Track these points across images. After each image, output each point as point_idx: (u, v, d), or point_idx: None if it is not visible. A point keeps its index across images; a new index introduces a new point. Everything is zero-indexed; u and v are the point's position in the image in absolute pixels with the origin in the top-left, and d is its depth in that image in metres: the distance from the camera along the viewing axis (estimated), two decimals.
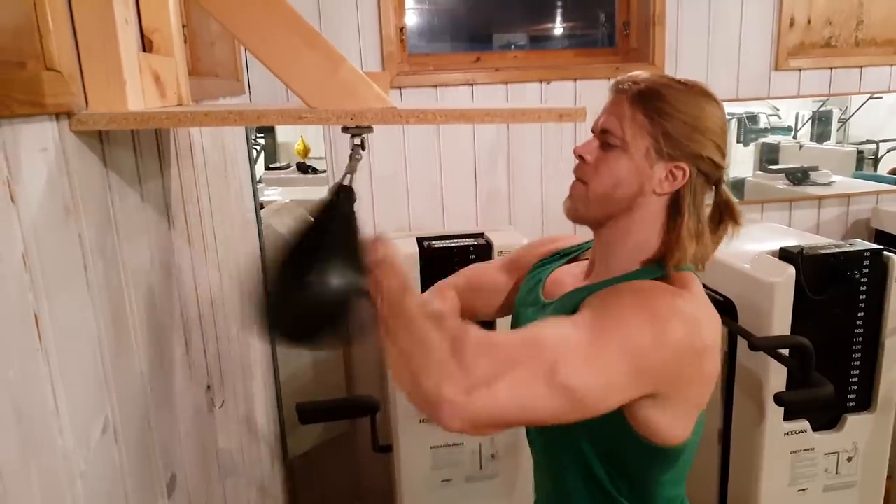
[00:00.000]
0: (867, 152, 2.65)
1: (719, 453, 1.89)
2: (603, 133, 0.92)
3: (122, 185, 0.83)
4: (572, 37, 2.43)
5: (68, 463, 0.63)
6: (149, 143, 0.95)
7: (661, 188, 0.91)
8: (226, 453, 1.33)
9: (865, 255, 1.70)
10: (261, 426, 1.79)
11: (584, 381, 0.76)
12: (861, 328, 1.74)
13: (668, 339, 0.79)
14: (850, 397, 1.78)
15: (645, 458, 0.90)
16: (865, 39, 2.37)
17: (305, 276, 0.80)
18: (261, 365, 1.86)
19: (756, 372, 1.72)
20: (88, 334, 0.70)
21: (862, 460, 1.81)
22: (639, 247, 0.94)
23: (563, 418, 0.78)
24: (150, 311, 0.91)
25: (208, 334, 1.23)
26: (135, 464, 0.81)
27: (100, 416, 0.71)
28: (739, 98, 2.33)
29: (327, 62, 0.72)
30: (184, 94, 0.99)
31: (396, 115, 0.69)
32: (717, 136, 0.91)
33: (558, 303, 0.98)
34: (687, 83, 0.91)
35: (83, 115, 0.68)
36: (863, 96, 2.48)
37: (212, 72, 1.53)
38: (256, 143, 2.33)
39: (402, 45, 2.12)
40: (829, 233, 2.47)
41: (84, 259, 0.69)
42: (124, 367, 0.80)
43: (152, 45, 0.92)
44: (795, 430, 1.75)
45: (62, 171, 0.65)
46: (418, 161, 2.17)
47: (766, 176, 2.60)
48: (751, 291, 1.72)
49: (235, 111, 0.71)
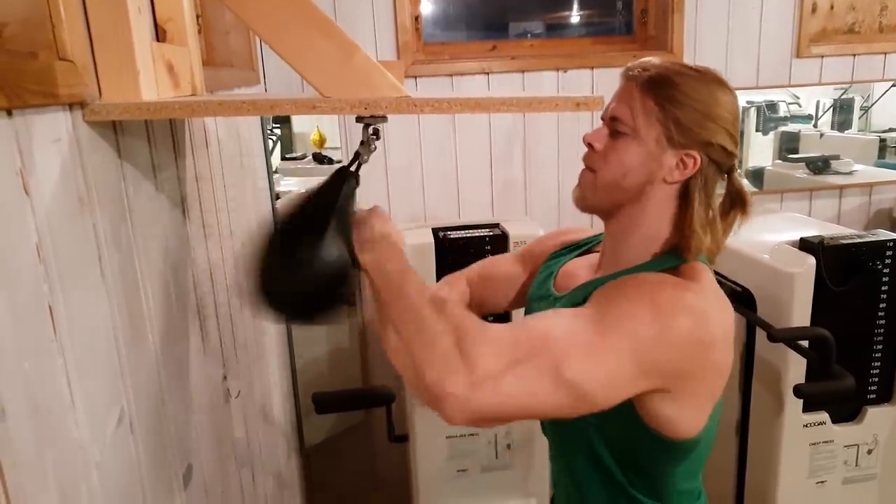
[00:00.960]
0: (890, 141, 2.60)
1: (737, 445, 1.87)
2: (613, 121, 0.91)
3: (136, 175, 0.83)
4: (589, 24, 2.40)
5: (84, 454, 0.63)
6: (163, 133, 0.95)
7: (672, 177, 0.89)
8: (242, 443, 1.33)
9: (888, 246, 1.67)
10: (277, 416, 1.80)
11: (589, 376, 0.75)
12: (883, 319, 1.71)
13: (674, 333, 0.78)
14: (871, 389, 1.76)
15: (657, 452, 0.89)
16: (890, 25, 2.32)
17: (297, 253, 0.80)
18: (277, 355, 1.87)
19: (775, 363, 1.70)
20: (104, 326, 0.70)
21: (882, 453, 1.79)
22: (649, 237, 0.92)
23: (567, 413, 0.77)
24: (165, 302, 0.91)
25: (224, 325, 1.23)
26: (151, 454, 0.81)
27: (115, 407, 0.72)
28: (759, 86, 2.30)
29: (341, 51, 0.71)
30: (198, 84, 0.99)
31: (411, 105, 0.68)
32: (729, 125, 0.89)
33: (569, 297, 0.97)
34: (699, 70, 0.89)
35: (96, 105, 0.68)
36: (886, 83, 2.43)
37: (227, 62, 1.52)
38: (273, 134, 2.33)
39: (418, 34, 2.10)
40: (851, 223, 2.43)
41: (99, 250, 0.69)
42: (140, 359, 0.80)
43: (166, 34, 0.92)
44: (815, 422, 1.73)
45: (76, 162, 0.65)
46: (433, 151, 2.16)
47: (786, 165, 2.56)
48: (770, 282, 1.70)
49: (249, 101, 0.71)
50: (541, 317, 0.82)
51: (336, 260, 0.81)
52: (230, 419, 1.26)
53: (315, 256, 0.80)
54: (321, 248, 0.81)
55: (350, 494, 2.43)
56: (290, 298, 0.86)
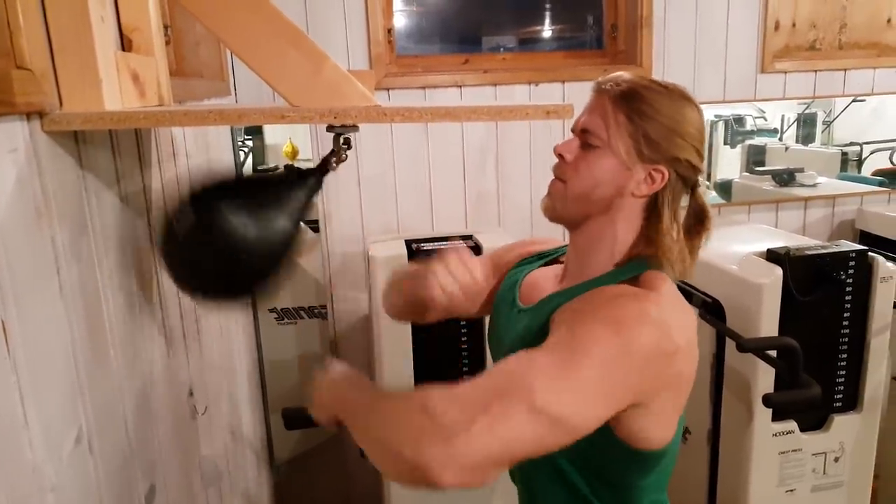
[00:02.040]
0: (851, 154, 2.67)
1: (708, 454, 1.88)
2: (584, 132, 0.91)
3: (99, 186, 0.81)
4: (561, 39, 2.42)
5: (39, 476, 0.61)
6: (128, 143, 0.93)
7: (640, 190, 0.90)
8: (209, 461, 1.30)
9: (851, 256, 1.70)
10: (246, 432, 1.76)
11: (562, 404, 0.73)
12: (847, 328, 1.74)
13: (636, 346, 0.78)
14: (837, 398, 1.78)
15: (627, 464, 0.88)
16: (849, 42, 2.38)
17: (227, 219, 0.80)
18: (246, 369, 1.83)
19: (744, 373, 1.72)
20: (61, 341, 0.68)
21: (849, 460, 1.81)
22: (614, 249, 0.93)
23: (550, 446, 0.75)
24: (128, 317, 0.89)
25: (191, 340, 1.20)
26: (111, 475, 0.78)
27: (73, 426, 0.69)
28: (726, 100, 2.34)
29: (310, 61, 0.70)
30: (165, 94, 0.97)
31: (381, 114, 0.67)
32: (696, 140, 0.90)
33: (533, 311, 0.97)
34: (668, 86, 0.90)
35: (56, 114, 0.66)
36: (846, 99, 2.50)
37: (197, 72, 1.50)
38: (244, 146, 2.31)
39: (391, 47, 2.10)
40: (816, 234, 2.48)
41: (57, 262, 0.67)
42: (100, 375, 0.77)
43: (132, 44, 0.90)
44: (783, 431, 1.75)
45: (33, 172, 0.63)
46: (407, 162, 2.15)
47: (753, 177, 2.61)
48: (738, 292, 1.72)
49: (216, 110, 0.69)
50: (503, 361, 0.80)
51: (270, 239, 0.82)
52: (197, 436, 1.23)
53: (246, 230, 0.80)
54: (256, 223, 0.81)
55: None
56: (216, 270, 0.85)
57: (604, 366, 0.76)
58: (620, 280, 0.90)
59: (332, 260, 2.16)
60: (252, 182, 0.85)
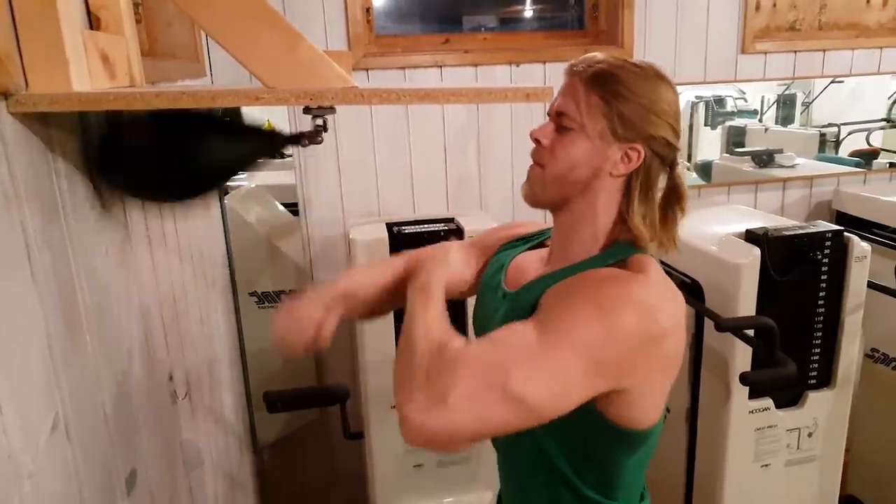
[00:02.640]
0: (829, 135, 2.70)
1: (687, 432, 1.91)
2: (558, 115, 0.91)
3: (70, 170, 0.79)
4: (542, 19, 2.40)
5: (14, 464, 0.60)
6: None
7: (617, 170, 0.90)
8: (191, 445, 1.30)
9: (827, 237, 1.73)
10: (228, 416, 1.76)
11: (539, 387, 0.75)
12: (822, 307, 1.77)
13: (621, 330, 0.78)
14: (812, 375, 1.82)
15: (612, 443, 0.89)
16: (828, 23, 2.39)
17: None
18: (227, 354, 1.83)
19: (722, 352, 1.74)
20: (34, 327, 0.67)
21: (822, 435, 1.85)
22: (597, 230, 0.93)
23: (523, 426, 0.77)
24: (104, 302, 0.87)
25: (169, 324, 1.19)
26: (90, 461, 0.78)
27: (49, 412, 0.68)
28: (707, 80, 2.34)
29: (285, 41, 0.69)
30: (136, 75, 0.95)
31: (358, 95, 0.66)
32: (671, 118, 0.90)
33: (518, 294, 0.97)
34: (641, 65, 0.91)
35: (21, 95, 0.64)
36: (825, 80, 2.51)
37: (170, 53, 1.47)
38: None
39: (369, 26, 2.07)
40: (793, 214, 2.51)
41: (28, 248, 0.66)
42: (76, 361, 0.76)
43: (100, 22, 0.88)
44: (760, 409, 1.78)
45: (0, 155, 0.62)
46: (387, 146, 2.13)
47: (733, 159, 2.63)
48: (717, 273, 1.74)
49: (188, 92, 0.68)
50: (493, 333, 0.81)
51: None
52: (178, 420, 1.22)
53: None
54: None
55: (306, 493, 2.40)
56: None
57: (586, 351, 0.77)
58: (608, 263, 0.90)
59: (312, 243, 2.15)
60: (217, 119, 0.87)
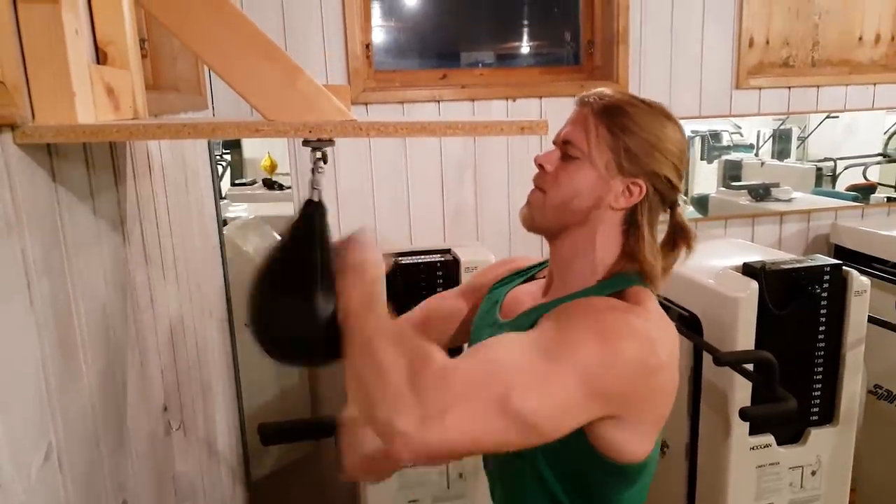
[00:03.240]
0: (826, 169, 2.72)
1: (686, 468, 1.89)
2: (565, 144, 0.93)
3: (72, 200, 0.80)
4: (538, 55, 2.45)
5: (5, 494, 0.59)
6: (102, 157, 0.92)
7: (618, 203, 0.91)
8: (184, 477, 1.28)
9: (825, 270, 1.73)
10: (222, 448, 1.74)
11: (536, 407, 0.74)
12: (822, 342, 1.77)
13: (621, 358, 0.78)
14: (814, 411, 1.80)
15: (607, 477, 0.89)
16: (821, 60, 2.43)
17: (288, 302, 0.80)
18: (222, 385, 1.81)
19: (721, 387, 1.73)
20: (30, 355, 0.67)
21: (826, 474, 1.83)
22: (595, 262, 0.94)
23: (517, 446, 0.76)
24: (101, 331, 0.87)
25: (165, 354, 1.19)
26: (81, 492, 0.77)
27: (42, 442, 0.68)
28: (702, 115, 2.38)
29: (285, 74, 0.71)
30: (140, 107, 0.96)
31: (356, 128, 0.68)
32: (676, 158, 0.92)
33: (514, 322, 0.97)
34: (650, 103, 0.92)
35: (28, 127, 0.65)
36: (820, 115, 2.55)
37: (173, 86, 1.50)
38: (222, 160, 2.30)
39: (369, 62, 2.11)
40: (791, 248, 2.52)
41: (27, 276, 0.66)
42: (71, 390, 0.76)
43: (107, 57, 0.90)
44: (761, 445, 1.76)
45: (4, 184, 0.62)
46: (385, 176, 2.15)
47: (730, 192, 2.65)
48: (715, 306, 1.74)
49: (190, 124, 0.69)
50: (489, 345, 0.80)
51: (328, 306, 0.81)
52: (171, 452, 1.21)
53: (314, 297, 0.79)
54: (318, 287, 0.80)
55: None
56: (296, 345, 0.85)
57: (585, 375, 0.76)
58: (606, 294, 0.90)
59: None
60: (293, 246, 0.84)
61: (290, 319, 0.81)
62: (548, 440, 0.76)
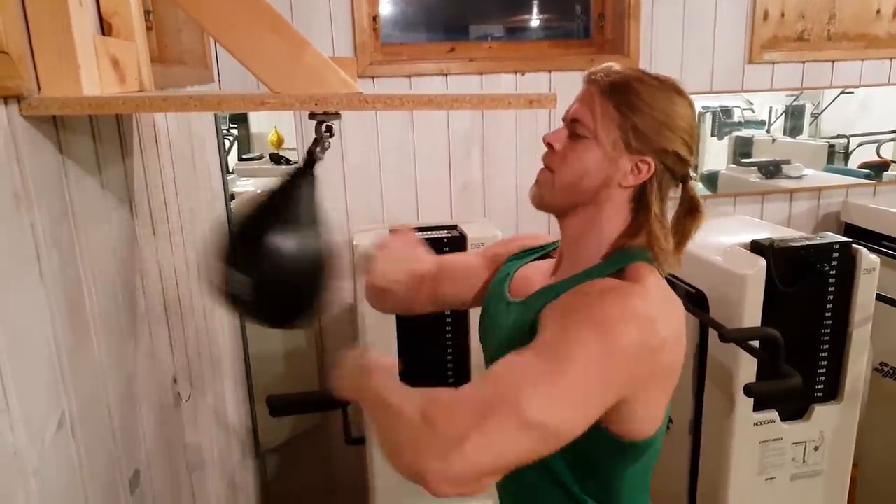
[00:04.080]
0: (838, 146, 2.69)
1: (690, 444, 1.90)
2: (573, 122, 0.92)
3: (79, 172, 0.80)
4: (548, 28, 2.42)
5: (20, 460, 0.61)
6: (109, 129, 0.92)
7: (626, 181, 0.90)
8: (194, 447, 1.30)
9: (834, 248, 1.72)
10: (231, 419, 1.76)
11: (551, 415, 0.74)
12: (829, 320, 1.76)
13: (621, 345, 0.78)
14: (818, 388, 1.81)
15: (614, 454, 0.89)
16: (837, 34, 2.39)
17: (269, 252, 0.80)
18: (231, 357, 1.83)
19: (727, 363, 1.73)
20: (42, 327, 0.68)
21: (828, 449, 1.84)
22: (603, 240, 0.93)
23: (542, 453, 0.76)
24: (110, 303, 0.88)
25: (174, 326, 1.20)
26: (95, 459, 0.78)
27: (55, 411, 0.69)
28: (714, 91, 2.35)
29: (291, 47, 0.70)
30: (146, 80, 0.96)
31: (362, 101, 0.67)
32: (686, 134, 0.90)
33: (523, 304, 0.97)
34: (660, 78, 0.91)
35: (34, 99, 0.66)
36: (834, 91, 2.51)
37: (179, 59, 1.49)
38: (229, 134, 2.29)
39: (376, 34, 2.09)
40: (800, 226, 2.50)
41: (37, 248, 0.67)
42: (82, 361, 0.77)
43: (111, 28, 0.89)
44: (764, 421, 1.77)
45: (11, 157, 0.63)
46: (391, 151, 2.15)
47: (740, 169, 2.62)
48: (722, 284, 1.73)
49: (196, 96, 0.69)
50: (492, 368, 0.81)
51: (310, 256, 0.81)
52: (181, 422, 1.23)
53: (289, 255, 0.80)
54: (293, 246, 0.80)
55: (307, 498, 2.40)
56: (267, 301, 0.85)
57: (590, 370, 0.76)
58: (607, 273, 0.90)
59: None
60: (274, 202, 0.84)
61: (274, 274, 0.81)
62: (569, 440, 0.77)
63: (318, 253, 0.83)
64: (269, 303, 0.85)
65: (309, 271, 0.83)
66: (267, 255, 0.80)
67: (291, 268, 0.81)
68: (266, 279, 0.81)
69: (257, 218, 0.83)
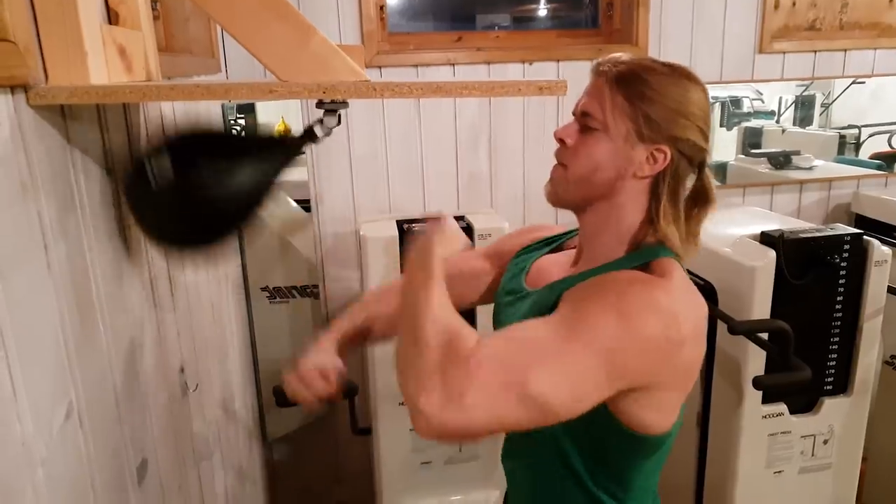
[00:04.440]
0: (849, 137, 2.66)
1: (697, 436, 1.90)
2: (583, 116, 0.91)
3: (87, 162, 0.80)
4: (556, 18, 2.40)
5: (28, 450, 0.61)
6: (116, 119, 0.92)
7: (642, 171, 0.89)
8: (201, 437, 1.31)
9: (845, 240, 1.71)
10: (238, 409, 1.77)
11: (558, 388, 0.74)
12: (840, 312, 1.75)
13: (642, 337, 0.77)
14: (828, 381, 1.79)
15: (629, 448, 0.89)
16: (849, 23, 2.36)
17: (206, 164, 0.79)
18: (238, 347, 1.84)
19: (735, 356, 1.73)
20: (49, 317, 0.68)
21: (838, 443, 1.83)
22: (622, 232, 0.92)
23: (538, 425, 0.76)
24: (118, 292, 0.88)
25: (182, 316, 1.20)
26: (102, 449, 0.78)
27: (63, 401, 0.69)
28: (723, 80, 2.32)
29: (298, 34, 0.69)
30: (153, 69, 0.96)
31: (370, 89, 0.67)
32: (700, 120, 0.89)
33: (540, 293, 0.96)
34: (670, 66, 0.89)
35: (41, 88, 0.65)
36: (846, 81, 2.48)
37: (186, 49, 1.48)
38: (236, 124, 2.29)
39: (383, 24, 2.08)
40: (810, 217, 2.48)
41: (44, 238, 0.67)
42: (90, 351, 0.77)
43: (118, 17, 0.89)
44: (773, 414, 1.76)
45: (18, 146, 0.62)
46: (398, 142, 2.14)
47: (749, 160, 2.60)
48: (732, 275, 1.72)
49: (203, 85, 0.69)
50: (512, 330, 0.80)
51: (237, 191, 0.81)
52: (189, 412, 1.23)
53: (222, 175, 0.79)
54: (234, 173, 0.80)
55: (314, 487, 2.41)
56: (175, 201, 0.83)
57: (606, 355, 0.76)
58: (633, 266, 0.89)
59: (323, 239, 2.16)
60: (231, 137, 0.84)
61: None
62: (567, 419, 0.76)
63: (247, 195, 0.83)
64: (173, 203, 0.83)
65: (230, 200, 0.82)
66: (203, 164, 0.79)
67: (215, 186, 0.80)
68: (188, 181, 0.80)
69: (220, 136, 0.84)
